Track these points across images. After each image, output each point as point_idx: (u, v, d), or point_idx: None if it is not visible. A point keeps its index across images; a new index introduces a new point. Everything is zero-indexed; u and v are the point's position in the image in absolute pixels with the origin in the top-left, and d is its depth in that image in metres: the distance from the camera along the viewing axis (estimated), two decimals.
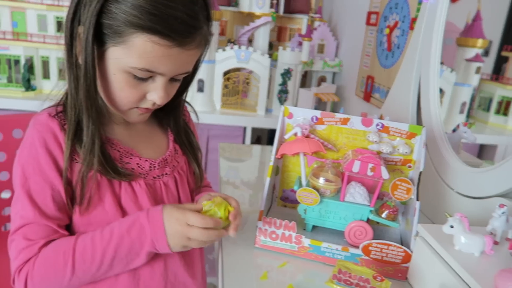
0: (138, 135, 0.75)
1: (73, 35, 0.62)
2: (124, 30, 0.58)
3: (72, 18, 0.61)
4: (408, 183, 0.81)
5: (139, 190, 0.70)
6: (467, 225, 0.65)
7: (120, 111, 0.69)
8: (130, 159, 0.71)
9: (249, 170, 1.42)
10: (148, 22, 0.57)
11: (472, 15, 1.14)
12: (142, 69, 0.61)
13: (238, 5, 2.25)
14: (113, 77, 0.63)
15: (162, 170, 0.75)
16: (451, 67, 1.22)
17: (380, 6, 1.68)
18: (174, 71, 0.65)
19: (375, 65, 1.71)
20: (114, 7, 0.58)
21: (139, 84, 0.64)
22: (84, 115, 0.64)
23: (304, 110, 0.89)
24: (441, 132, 1.06)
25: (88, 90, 0.62)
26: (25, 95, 1.92)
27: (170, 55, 0.61)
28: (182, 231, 0.64)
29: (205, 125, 2.02)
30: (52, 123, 0.65)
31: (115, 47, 0.60)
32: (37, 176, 0.64)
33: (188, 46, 0.62)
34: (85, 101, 0.63)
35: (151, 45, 0.59)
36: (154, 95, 0.66)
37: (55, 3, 1.94)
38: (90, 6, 0.58)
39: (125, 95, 0.65)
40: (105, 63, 0.63)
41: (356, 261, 0.78)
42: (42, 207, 0.64)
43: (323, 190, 0.82)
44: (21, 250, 0.63)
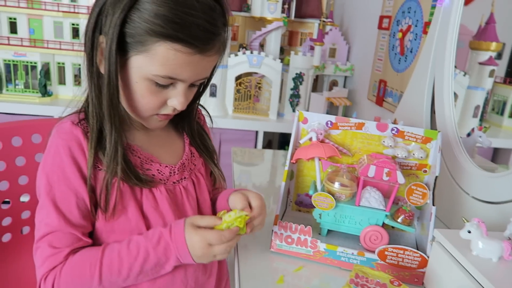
0: (156, 140, 0.76)
1: (94, 44, 0.63)
2: (147, 39, 0.59)
3: (93, 27, 0.63)
4: (423, 188, 0.81)
5: (159, 197, 0.71)
6: (484, 230, 0.65)
7: (140, 118, 0.70)
8: (150, 165, 0.72)
9: (261, 174, 1.42)
10: (171, 30, 0.58)
11: (485, 18, 1.14)
12: (164, 77, 0.62)
13: (250, 10, 2.26)
14: (135, 85, 0.64)
15: (181, 175, 0.76)
16: (464, 71, 1.21)
17: (392, 10, 1.68)
18: (194, 77, 0.66)
19: (387, 69, 1.71)
20: (136, 17, 0.59)
21: (160, 91, 0.65)
22: (107, 123, 0.65)
23: (318, 115, 0.89)
24: (456, 136, 1.05)
25: (111, 99, 0.63)
26: (42, 100, 1.96)
27: (191, 62, 0.62)
28: (206, 253, 0.65)
29: (217, 130, 2.04)
30: (76, 131, 0.66)
31: (138, 55, 0.61)
32: (62, 184, 0.65)
33: (208, 52, 0.63)
34: (108, 109, 0.64)
35: (174, 53, 0.60)
36: (175, 101, 0.67)
37: (71, 10, 1.98)
38: (113, 16, 0.59)
39: (146, 102, 0.66)
40: (127, 71, 0.64)
41: (372, 265, 0.78)
42: (67, 215, 0.65)
43: (339, 195, 0.83)
44: (47, 257, 0.64)
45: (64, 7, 1.98)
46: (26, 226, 1.14)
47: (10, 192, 1.06)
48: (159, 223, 0.71)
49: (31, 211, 1.13)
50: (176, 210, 0.73)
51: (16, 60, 1.95)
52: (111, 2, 0.60)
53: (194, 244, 0.65)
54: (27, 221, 1.13)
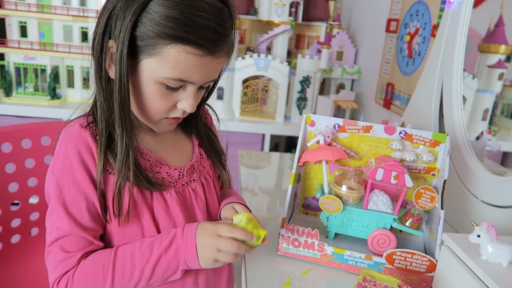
0: (165, 143, 0.76)
1: (103, 49, 0.63)
2: (158, 41, 0.60)
3: (103, 32, 0.63)
4: (432, 192, 0.80)
5: (170, 200, 0.71)
6: (494, 235, 0.64)
7: (150, 122, 0.70)
8: (160, 168, 0.72)
9: (268, 177, 1.42)
10: (183, 32, 0.59)
11: (495, 20, 1.13)
12: (175, 79, 0.63)
13: (257, 13, 2.27)
14: (145, 88, 0.64)
15: (190, 177, 0.76)
16: (472, 74, 1.20)
17: (400, 13, 1.67)
18: (204, 79, 0.66)
19: (395, 72, 1.70)
20: (147, 20, 0.59)
21: (170, 94, 0.65)
22: (118, 127, 0.64)
23: (326, 118, 0.89)
24: (464, 140, 1.05)
25: (123, 103, 0.63)
26: (51, 103, 1.98)
27: (202, 64, 0.62)
28: (213, 242, 0.64)
29: (224, 132, 2.04)
30: (85, 134, 0.66)
31: (149, 59, 0.62)
32: (71, 188, 0.65)
33: (218, 54, 0.63)
34: (119, 114, 0.64)
35: (185, 55, 0.60)
36: (185, 103, 0.67)
37: (81, 14, 2.01)
38: (124, 20, 0.59)
39: (157, 106, 0.66)
40: (137, 75, 0.64)
41: (380, 269, 0.78)
42: (77, 219, 0.65)
43: (346, 198, 0.82)
44: (60, 262, 0.64)
45: (74, 11, 2.00)
46: (35, 227, 1.15)
47: (20, 194, 1.07)
48: (170, 226, 0.71)
49: (40, 212, 1.14)
50: (186, 213, 0.73)
51: (26, 63, 1.98)
52: (121, 6, 0.60)
53: (204, 231, 0.65)
54: (36, 223, 1.14)
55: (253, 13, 2.32)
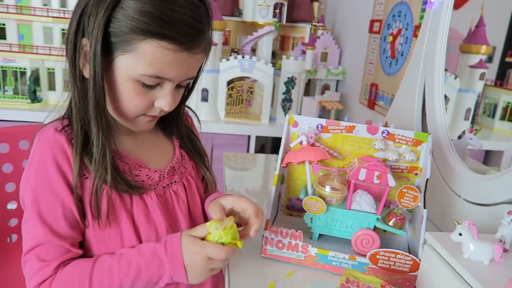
0: (144, 145, 0.75)
1: (76, 48, 0.62)
2: (133, 37, 0.58)
3: (75, 30, 0.61)
4: (414, 191, 0.80)
5: (150, 203, 0.70)
6: (476, 233, 0.64)
7: (127, 120, 0.68)
8: (139, 171, 0.70)
9: (254, 179, 1.41)
10: (158, 27, 0.58)
11: (475, 21, 1.14)
12: (152, 76, 0.61)
13: (242, 15, 2.27)
14: (121, 86, 0.63)
15: (171, 179, 0.75)
16: (455, 74, 1.21)
17: (383, 14, 1.68)
18: (182, 76, 0.65)
19: (378, 72, 1.71)
20: (121, 15, 0.58)
21: (147, 91, 0.64)
22: (93, 126, 0.63)
23: (309, 119, 0.89)
24: (447, 139, 1.05)
25: (98, 101, 0.62)
26: (31, 106, 1.94)
27: (178, 59, 0.61)
28: (204, 265, 0.63)
29: (209, 134, 2.03)
30: (60, 138, 0.64)
31: (124, 55, 0.60)
32: (47, 195, 0.63)
33: (195, 50, 0.62)
34: (94, 112, 0.62)
35: (161, 51, 0.59)
36: (162, 102, 0.66)
37: (61, 15, 1.97)
38: (96, 16, 0.58)
39: (133, 104, 0.65)
40: (112, 73, 0.62)
41: (364, 270, 0.77)
42: (53, 226, 0.63)
43: (329, 199, 0.82)
44: (36, 271, 0.62)
45: (54, 12, 1.96)
46: (14, 234, 1.12)
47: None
48: (151, 231, 0.69)
49: (18, 219, 1.11)
50: (167, 216, 0.72)
51: (5, 66, 1.93)
52: (94, 2, 0.58)
53: (192, 254, 0.63)
54: (15, 229, 1.11)
55: (238, 15, 2.32)
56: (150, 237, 0.69)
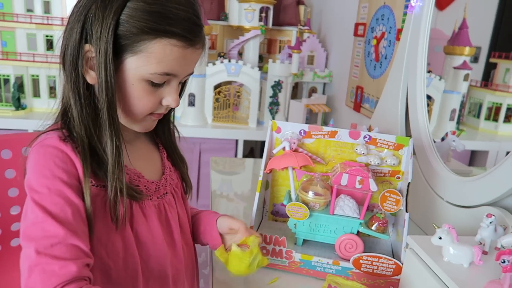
0: (138, 155, 0.74)
1: (79, 54, 0.61)
2: (143, 38, 0.59)
3: (79, 38, 0.61)
4: (397, 195, 0.81)
5: (148, 212, 0.70)
6: (455, 236, 0.65)
7: (135, 120, 0.68)
8: (138, 181, 0.70)
9: (242, 183, 1.42)
10: (167, 26, 0.59)
11: (459, 23, 1.16)
12: (162, 74, 0.63)
13: (228, 19, 2.27)
14: (131, 88, 0.63)
15: (164, 189, 0.75)
16: (440, 75, 1.23)
17: (367, 18, 1.70)
18: (186, 71, 0.67)
19: (364, 75, 1.72)
20: (129, 17, 0.59)
21: (155, 90, 0.65)
22: (108, 130, 0.62)
23: (292, 124, 0.89)
24: (429, 141, 1.06)
25: (111, 103, 0.62)
26: (15, 114, 1.91)
27: (185, 55, 0.63)
28: None
29: (197, 139, 2.02)
30: (66, 147, 0.62)
31: (133, 56, 0.61)
32: (55, 197, 0.59)
33: (197, 45, 0.65)
34: (107, 117, 0.62)
35: (170, 48, 0.61)
36: (169, 99, 0.67)
37: (45, 22, 1.95)
38: (103, 21, 0.58)
39: (143, 104, 0.65)
40: (121, 75, 0.63)
41: (348, 274, 0.78)
42: (65, 225, 0.58)
43: (313, 204, 0.82)
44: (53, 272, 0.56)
45: (37, 18, 1.94)
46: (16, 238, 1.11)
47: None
48: (149, 239, 0.69)
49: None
50: (164, 226, 0.73)
51: None
52: (98, 8, 0.59)
53: None
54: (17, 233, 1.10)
55: (224, 19, 2.32)
56: (148, 244, 0.69)
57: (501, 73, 1.06)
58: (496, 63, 1.07)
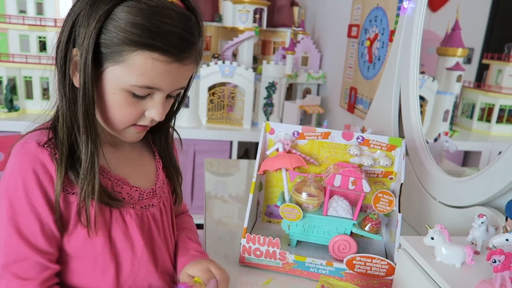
0: (126, 160, 0.73)
1: (67, 57, 0.61)
2: (124, 48, 0.59)
3: (67, 40, 0.61)
4: (390, 195, 0.81)
5: (129, 220, 0.68)
6: (447, 236, 0.65)
7: (116, 130, 0.67)
8: (121, 188, 0.69)
9: (237, 184, 1.41)
10: (149, 39, 0.58)
11: (452, 24, 1.17)
12: (142, 87, 0.61)
13: (222, 20, 2.27)
14: (111, 96, 0.63)
15: (150, 201, 0.73)
16: (433, 76, 1.24)
17: (360, 19, 1.70)
18: (172, 86, 0.65)
19: (357, 76, 1.73)
20: (112, 27, 0.58)
21: (137, 102, 0.64)
22: (82, 134, 0.62)
23: (285, 126, 0.89)
24: (422, 142, 1.07)
25: (87, 110, 0.61)
26: (8, 116, 1.90)
27: (170, 71, 0.61)
28: None
29: (191, 141, 2.02)
30: (42, 154, 0.62)
31: (114, 66, 0.60)
32: (25, 210, 0.61)
33: (186, 61, 0.63)
34: (83, 121, 0.61)
35: (152, 62, 0.59)
36: (153, 111, 0.65)
37: (38, 23, 1.94)
38: (88, 27, 0.58)
39: (124, 114, 0.64)
40: (103, 83, 0.62)
41: (341, 275, 0.78)
42: (32, 241, 0.61)
43: (306, 205, 0.82)
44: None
45: (30, 20, 1.93)
46: None
47: None
48: (127, 247, 0.68)
49: None
50: (145, 237, 0.71)
51: None
52: (85, 13, 0.58)
53: None
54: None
55: (218, 20, 2.32)
56: (125, 252, 0.68)
57: (494, 74, 1.07)
58: (488, 64, 1.08)
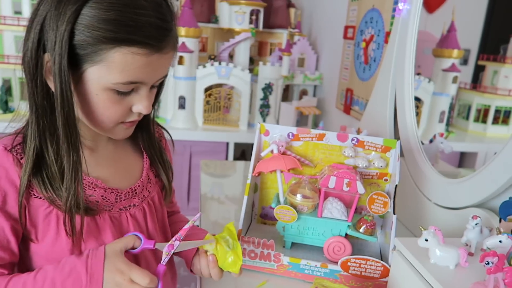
0: (106, 161, 0.72)
1: (38, 64, 0.59)
2: (101, 47, 0.56)
3: (36, 46, 0.58)
4: (384, 197, 0.81)
5: (102, 225, 0.67)
6: (441, 238, 0.65)
7: (105, 130, 0.66)
8: (94, 191, 0.67)
9: (233, 186, 1.41)
10: (125, 34, 0.56)
11: (447, 26, 1.17)
12: (126, 83, 0.60)
13: (218, 21, 2.27)
14: (95, 98, 0.61)
15: (129, 201, 0.71)
16: (429, 78, 1.24)
17: (356, 21, 1.71)
18: (155, 77, 0.63)
19: (353, 78, 1.73)
20: (84, 26, 0.56)
21: (123, 98, 0.62)
22: (63, 144, 0.60)
23: (280, 127, 0.89)
24: (417, 143, 1.07)
25: (67, 118, 0.59)
26: (3, 117, 1.89)
27: (150, 62, 0.60)
28: (123, 286, 0.59)
29: (187, 142, 2.02)
30: (6, 158, 0.61)
31: (94, 66, 0.58)
32: None
33: (165, 50, 0.61)
34: (64, 130, 0.59)
35: (132, 57, 0.57)
36: (140, 105, 0.64)
37: None
38: (57, 31, 0.55)
39: (111, 113, 0.63)
40: (84, 85, 0.60)
41: (336, 277, 0.78)
42: None
43: (301, 207, 0.82)
44: None
45: (25, 21, 1.92)
46: None
47: None
48: None
49: None
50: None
51: None
52: (52, 16, 0.56)
53: (114, 270, 0.59)
54: None
55: (214, 21, 2.32)
56: None
57: (489, 75, 1.08)
58: (484, 65, 1.09)
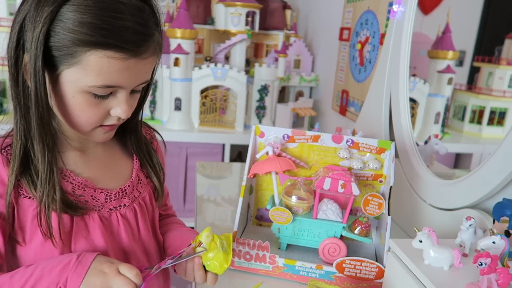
0: (95, 162, 0.71)
1: (18, 63, 0.59)
2: (76, 49, 0.56)
3: (15, 46, 0.58)
4: (379, 198, 0.81)
5: (91, 225, 0.66)
6: (435, 239, 0.66)
7: (83, 132, 0.66)
8: (83, 191, 0.67)
9: (230, 188, 1.41)
10: (100, 37, 0.56)
11: (442, 28, 1.17)
12: (102, 86, 0.59)
13: (214, 23, 2.27)
14: (72, 100, 0.60)
15: (119, 201, 0.71)
16: (424, 79, 1.24)
17: (351, 22, 1.71)
18: (134, 82, 0.63)
19: (349, 79, 1.74)
20: (60, 28, 0.56)
21: (100, 102, 0.62)
22: (37, 144, 0.60)
23: (275, 129, 0.89)
24: (412, 144, 1.07)
25: (41, 117, 0.59)
26: None
27: (127, 67, 0.59)
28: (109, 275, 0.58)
29: (183, 144, 2.02)
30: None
31: (70, 68, 0.58)
32: None
33: (143, 55, 0.60)
34: (38, 130, 0.59)
35: (107, 60, 0.57)
36: (118, 110, 0.63)
37: None
38: (34, 31, 0.55)
39: (88, 116, 0.62)
40: (60, 87, 0.60)
41: (331, 278, 0.78)
42: None
43: (296, 209, 0.82)
44: None
45: None
46: None
47: None
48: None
49: None
50: (110, 239, 0.69)
51: None
52: (30, 16, 0.56)
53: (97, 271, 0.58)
54: None
55: (210, 23, 2.32)
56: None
57: (484, 76, 1.08)
58: (479, 67, 1.09)
